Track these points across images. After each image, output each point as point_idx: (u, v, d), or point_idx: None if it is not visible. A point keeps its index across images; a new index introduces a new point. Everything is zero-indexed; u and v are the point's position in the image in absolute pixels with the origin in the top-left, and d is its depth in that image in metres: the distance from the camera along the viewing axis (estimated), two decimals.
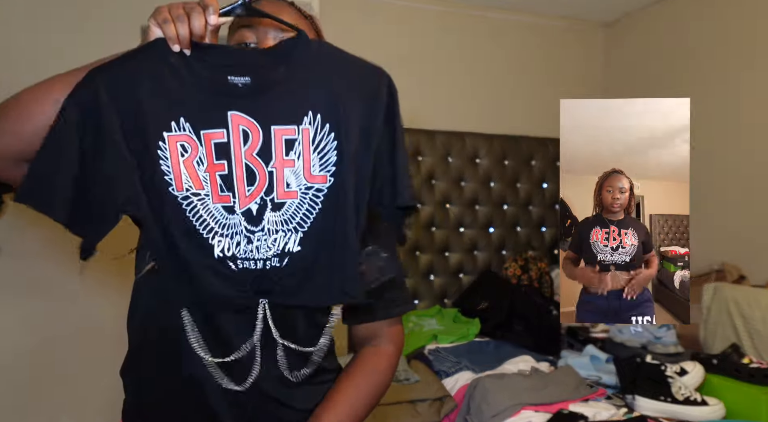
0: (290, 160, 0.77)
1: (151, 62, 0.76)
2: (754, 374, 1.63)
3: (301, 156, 0.77)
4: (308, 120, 0.77)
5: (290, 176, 0.77)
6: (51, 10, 2.28)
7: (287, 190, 0.78)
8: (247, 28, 0.95)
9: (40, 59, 2.26)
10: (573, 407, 1.58)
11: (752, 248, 2.38)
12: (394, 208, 0.83)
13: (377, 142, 0.81)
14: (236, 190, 0.76)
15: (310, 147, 0.77)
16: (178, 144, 0.75)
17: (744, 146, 2.45)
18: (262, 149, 0.76)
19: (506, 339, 2.23)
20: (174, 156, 0.75)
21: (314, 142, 0.77)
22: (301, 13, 1.02)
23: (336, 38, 1.96)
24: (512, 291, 2.48)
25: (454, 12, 2.94)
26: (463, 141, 2.82)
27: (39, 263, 2.16)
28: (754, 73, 2.41)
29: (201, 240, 0.76)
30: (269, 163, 0.77)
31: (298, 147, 0.77)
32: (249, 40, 0.95)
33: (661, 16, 2.89)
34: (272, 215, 0.77)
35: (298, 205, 0.78)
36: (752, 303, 1.91)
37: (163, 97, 0.75)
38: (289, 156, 0.77)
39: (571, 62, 3.20)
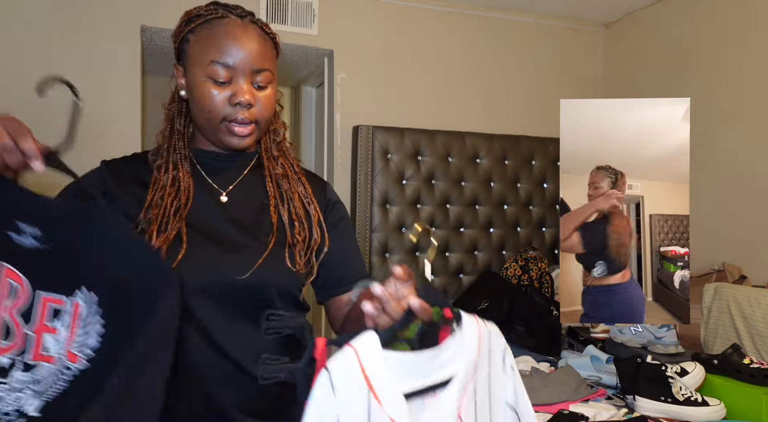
0: (53, 327, 0.74)
1: None
2: (755, 374, 1.62)
3: (69, 327, 0.74)
4: (83, 295, 0.74)
5: (50, 341, 0.73)
6: (51, 9, 2.28)
7: (44, 353, 0.73)
8: (221, 66, 0.98)
9: (40, 59, 2.26)
10: (573, 407, 1.58)
11: (753, 248, 2.38)
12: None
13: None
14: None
15: (78, 321, 0.74)
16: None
17: (744, 146, 2.45)
18: (26, 311, 0.73)
19: (506, 339, 2.23)
20: None
21: (82, 318, 0.74)
22: (265, 31, 1.05)
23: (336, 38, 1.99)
24: (512, 292, 2.47)
25: (454, 12, 2.94)
26: (463, 141, 2.82)
27: None
28: (754, 73, 2.41)
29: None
30: (29, 325, 0.73)
31: (67, 317, 0.74)
32: (221, 79, 0.98)
33: (661, 16, 2.89)
34: (21, 374, 0.73)
35: (53, 372, 0.73)
36: (753, 304, 1.91)
37: None
38: (53, 323, 0.74)
39: (571, 62, 3.20)
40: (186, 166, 1.06)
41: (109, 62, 2.34)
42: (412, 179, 2.74)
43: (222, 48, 0.99)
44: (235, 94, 0.99)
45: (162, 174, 1.04)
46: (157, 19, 2.39)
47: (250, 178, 1.10)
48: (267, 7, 2.60)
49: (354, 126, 2.72)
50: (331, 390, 0.63)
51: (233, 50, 0.98)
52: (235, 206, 1.06)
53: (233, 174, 1.09)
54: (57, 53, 2.28)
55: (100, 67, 2.33)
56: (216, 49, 0.99)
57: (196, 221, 1.00)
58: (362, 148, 2.66)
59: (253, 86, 1.01)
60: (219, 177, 1.08)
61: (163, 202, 1.00)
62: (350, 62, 2.76)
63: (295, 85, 3.65)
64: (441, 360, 0.71)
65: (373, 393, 0.65)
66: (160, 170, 1.05)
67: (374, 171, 2.67)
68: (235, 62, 0.98)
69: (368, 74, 2.79)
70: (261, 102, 1.02)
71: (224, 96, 0.99)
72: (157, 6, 2.39)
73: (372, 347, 0.67)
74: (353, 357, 0.65)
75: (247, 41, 1.00)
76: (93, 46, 2.32)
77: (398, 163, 2.70)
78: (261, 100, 1.02)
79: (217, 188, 1.07)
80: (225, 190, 1.07)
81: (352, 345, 0.66)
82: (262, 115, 1.03)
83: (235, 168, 1.10)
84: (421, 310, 0.71)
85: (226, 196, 1.07)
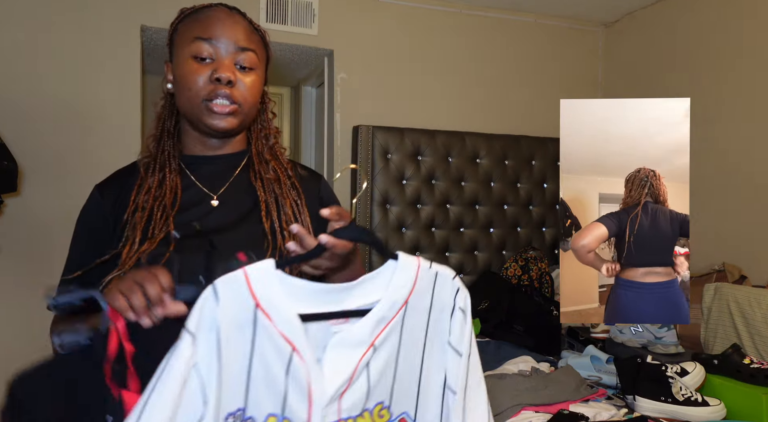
0: None
1: None
2: (755, 374, 1.62)
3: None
4: None
5: None
6: (51, 9, 2.28)
7: None
8: (205, 41, 0.98)
9: (40, 59, 2.26)
10: (573, 407, 1.58)
11: (753, 248, 2.38)
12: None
13: None
14: None
15: None
16: None
17: (744, 146, 2.45)
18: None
19: (506, 339, 2.23)
20: None
21: None
22: (254, 26, 1.05)
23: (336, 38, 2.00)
24: (512, 292, 2.47)
25: (454, 12, 2.94)
26: (463, 141, 2.82)
27: (39, 263, 2.16)
28: (754, 73, 2.41)
29: None
30: None
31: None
32: (204, 55, 0.98)
33: (661, 16, 2.88)
34: None
35: None
36: (753, 304, 1.91)
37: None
38: None
39: (571, 62, 3.20)
40: (174, 165, 1.04)
41: (109, 62, 2.34)
42: (412, 179, 2.74)
43: (206, 26, 0.99)
44: (216, 69, 0.98)
45: (149, 176, 1.02)
46: (157, 19, 2.39)
47: (241, 180, 1.08)
48: (267, 7, 2.60)
49: (354, 126, 2.72)
50: (214, 299, 0.67)
51: (217, 28, 0.99)
52: (226, 210, 1.03)
53: (223, 176, 1.07)
54: (57, 53, 2.28)
55: (100, 67, 2.33)
56: (200, 26, 0.99)
57: (186, 225, 0.98)
58: (362, 148, 2.66)
59: (236, 67, 1.00)
60: (209, 180, 1.06)
61: (149, 204, 0.99)
62: (350, 62, 2.76)
63: (295, 85, 3.64)
64: (353, 291, 0.75)
65: (261, 310, 0.69)
66: (147, 171, 1.03)
67: (374, 171, 2.67)
68: (219, 39, 0.98)
69: (368, 74, 2.79)
70: (243, 83, 1.00)
71: (206, 73, 0.98)
72: (157, 6, 2.39)
73: (265, 269, 0.71)
74: (242, 277, 0.70)
75: (232, 23, 1.00)
76: (93, 46, 2.32)
77: (398, 163, 2.70)
78: (243, 81, 1.00)
79: (207, 192, 1.05)
80: (216, 193, 1.05)
81: (244, 268, 0.70)
82: (245, 98, 1.01)
83: (225, 170, 1.07)
84: (334, 245, 0.80)
85: (217, 200, 1.04)
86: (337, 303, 0.74)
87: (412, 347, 0.78)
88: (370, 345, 0.73)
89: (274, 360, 0.69)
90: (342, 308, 0.74)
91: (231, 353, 0.68)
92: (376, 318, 0.74)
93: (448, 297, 0.80)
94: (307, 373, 0.70)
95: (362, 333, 0.73)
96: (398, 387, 0.77)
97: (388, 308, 0.75)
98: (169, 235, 0.95)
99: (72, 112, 2.30)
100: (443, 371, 0.80)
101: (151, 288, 0.75)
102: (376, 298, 0.75)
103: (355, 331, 0.73)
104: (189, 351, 0.65)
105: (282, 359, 0.69)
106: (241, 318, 0.69)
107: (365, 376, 0.74)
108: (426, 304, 0.79)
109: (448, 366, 0.80)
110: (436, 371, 0.80)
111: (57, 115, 2.28)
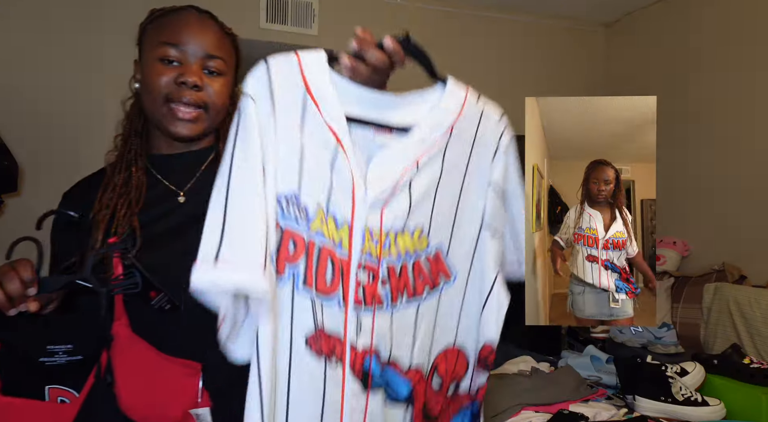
0: None
1: None
2: (755, 374, 1.62)
3: None
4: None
5: None
6: (51, 10, 2.28)
7: None
8: (172, 47, 0.96)
9: (40, 59, 2.26)
10: (573, 407, 1.58)
11: (753, 248, 2.38)
12: None
13: None
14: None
15: None
16: None
17: (745, 146, 2.45)
18: None
19: (506, 339, 2.22)
20: None
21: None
22: (225, 31, 1.03)
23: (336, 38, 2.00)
24: (512, 291, 2.47)
25: (454, 12, 2.94)
26: None
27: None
28: (754, 73, 2.41)
29: None
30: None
31: None
32: (170, 58, 0.96)
33: (661, 16, 2.88)
34: None
35: None
36: (753, 304, 1.91)
37: None
38: None
39: (572, 62, 3.20)
40: (141, 163, 1.01)
41: (108, 62, 2.34)
42: None
43: (174, 30, 0.97)
44: (182, 73, 0.95)
45: (114, 174, 1.00)
46: None
47: (208, 174, 1.00)
48: (267, 7, 2.60)
49: None
50: (266, 72, 0.68)
51: (185, 34, 0.96)
52: (193, 205, 0.99)
53: (189, 172, 1.03)
54: (57, 53, 2.29)
55: (99, 67, 2.32)
56: (168, 31, 0.97)
57: (151, 222, 0.96)
58: None
59: (204, 72, 0.97)
60: (174, 177, 1.02)
61: (113, 202, 0.96)
62: None
63: None
64: (398, 107, 0.74)
65: (311, 96, 0.69)
66: (114, 169, 1.01)
67: None
68: (186, 45, 0.96)
69: None
70: (211, 88, 0.97)
71: (171, 75, 0.95)
72: (158, 6, 2.39)
73: (318, 58, 0.70)
74: (294, 60, 0.69)
75: (201, 29, 0.98)
76: (93, 46, 2.32)
77: None
78: (212, 85, 0.97)
79: (174, 189, 1.01)
80: (182, 189, 1.02)
81: (297, 52, 0.69)
82: (212, 101, 0.97)
83: (191, 166, 1.04)
84: (395, 51, 0.75)
85: (184, 196, 1.01)
86: (381, 113, 0.73)
87: (453, 178, 0.77)
88: (415, 163, 0.72)
89: (320, 150, 0.69)
90: (386, 120, 0.73)
91: (281, 128, 0.68)
92: (419, 138, 0.73)
93: (492, 135, 0.79)
94: (351, 171, 0.69)
95: (406, 149, 0.73)
96: (436, 217, 0.76)
97: (432, 130, 0.74)
98: (134, 233, 0.92)
99: (72, 112, 2.30)
100: (479, 210, 0.79)
101: (10, 284, 0.80)
102: (420, 118, 0.74)
103: (399, 146, 0.73)
104: (252, 108, 0.67)
105: (328, 151, 0.69)
106: (289, 99, 0.69)
107: (407, 193, 0.73)
108: (470, 135, 0.78)
109: (487, 205, 0.79)
110: (471, 209, 0.79)
111: (57, 116, 2.28)
